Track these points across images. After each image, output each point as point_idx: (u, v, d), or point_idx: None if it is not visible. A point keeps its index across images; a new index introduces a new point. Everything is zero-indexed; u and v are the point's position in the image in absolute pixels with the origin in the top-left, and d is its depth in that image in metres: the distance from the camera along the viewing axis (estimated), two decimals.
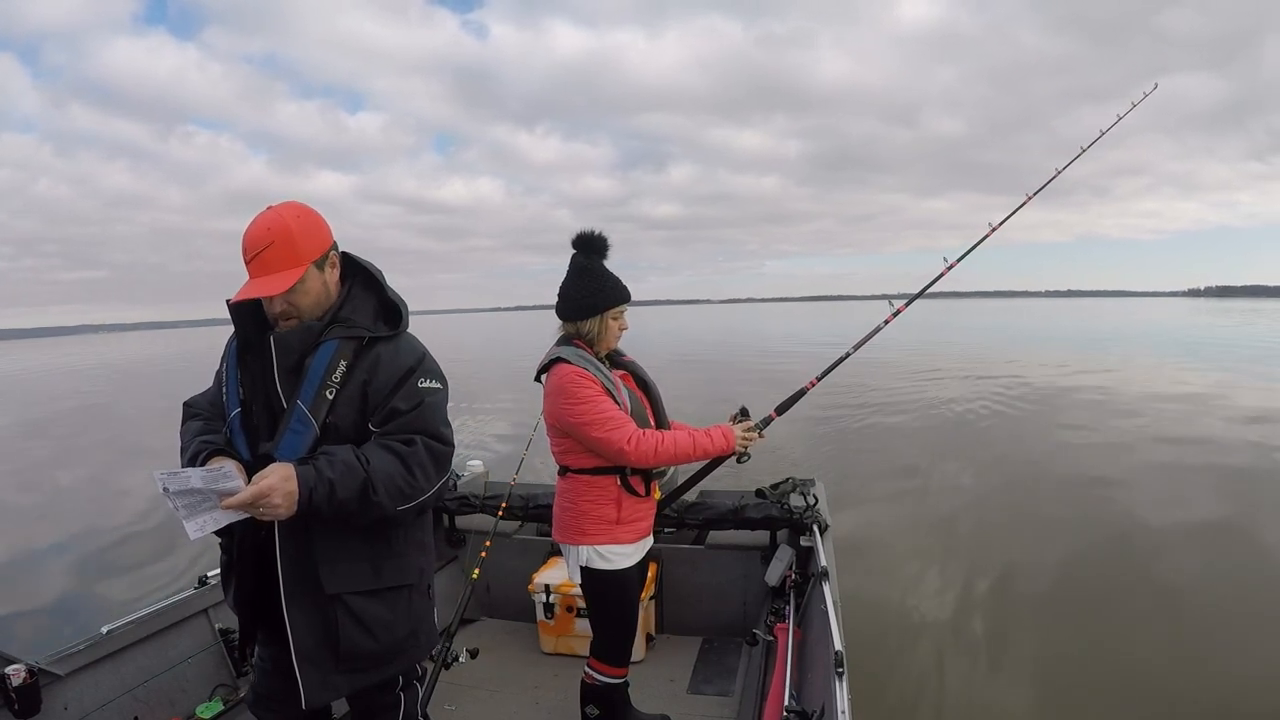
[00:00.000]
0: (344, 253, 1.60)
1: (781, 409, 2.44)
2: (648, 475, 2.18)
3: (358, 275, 1.61)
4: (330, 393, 1.47)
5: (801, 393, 2.48)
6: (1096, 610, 4.65)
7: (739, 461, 2.28)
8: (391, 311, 1.59)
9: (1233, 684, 3.71)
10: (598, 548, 2.13)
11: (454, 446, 1.56)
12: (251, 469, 1.42)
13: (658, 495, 2.27)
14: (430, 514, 1.72)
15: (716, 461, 2.35)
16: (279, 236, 1.45)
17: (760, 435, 2.27)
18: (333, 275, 1.55)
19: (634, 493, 2.14)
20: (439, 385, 1.55)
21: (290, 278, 1.45)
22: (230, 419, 1.54)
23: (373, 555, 1.52)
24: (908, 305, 2.59)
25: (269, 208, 1.51)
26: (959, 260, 2.66)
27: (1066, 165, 2.95)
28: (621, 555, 2.15)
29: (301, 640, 1.49)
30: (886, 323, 2.56)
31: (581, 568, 2.16)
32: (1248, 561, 5.42)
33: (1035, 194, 2.87)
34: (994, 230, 2.68)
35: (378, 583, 1.53)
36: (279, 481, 1.34)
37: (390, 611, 1.55)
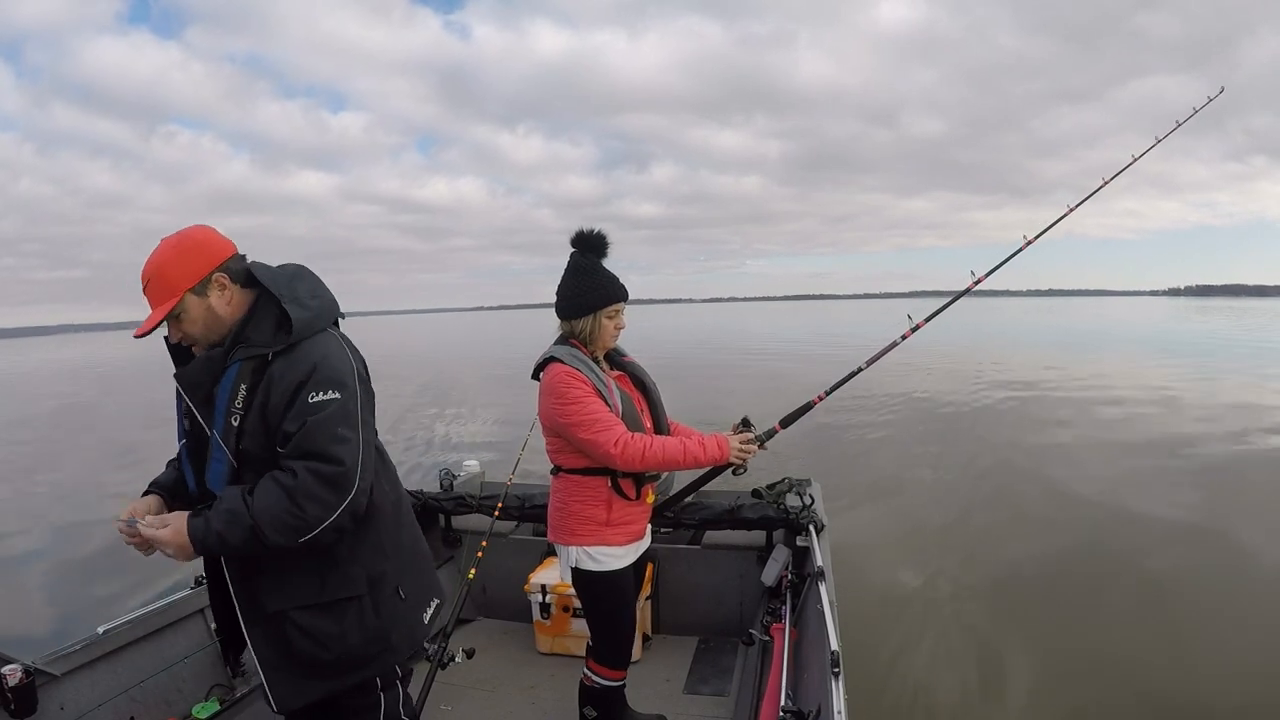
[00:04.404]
0: (252, 265, 1.53)
1: (786, 422, 2.38)
2: (639, 478, 2.14)
3: (264, 288, 1.53)
4: (235, 420, 1.44)
5: (809, 406, 2.44)
6: (1088, 608, 4.70)
7: (734, 473, 2.25)
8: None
9: (1221, 677, 3.77)
10: (587, 549, 2.11)
11: (348, 462, 1.42)
12: (198, 500, 1.49)
13: (651, 499, 2.23)
14: (396, 516, 1.65)
15: (714, 471, 2.32)
16: (153, 273, 1.46)
17: (761, 447, 2.22)
18: (221, 296, 1.48)
19: (624, 496, 2.11)
20: (332, 395, 1.43)
21: (158, 314, 1.46)
22: (179, 451, 1.56)
23: (317, 568, 1.49)
24: (927, 321, 2.53)
25: (161, 240, 1.51)
26: (988, 275, 2.62)
27: (1114, 176, 2.84)
28: (611, 557, 2.13)
29: (262, 653, 1.51)
30: (904, 338, 2.51)
31: (572, 568, 2.15)
32: (1230, 556, 5.49)
33: (1076, 206, 2.79)
34: (1029, 244, 2.63)
35: (322, 596, 1.50)
36: (170, 536, 1.41)
37: (338, 624, 1.51)
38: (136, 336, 1.52)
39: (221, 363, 1.46)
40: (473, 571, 2.80)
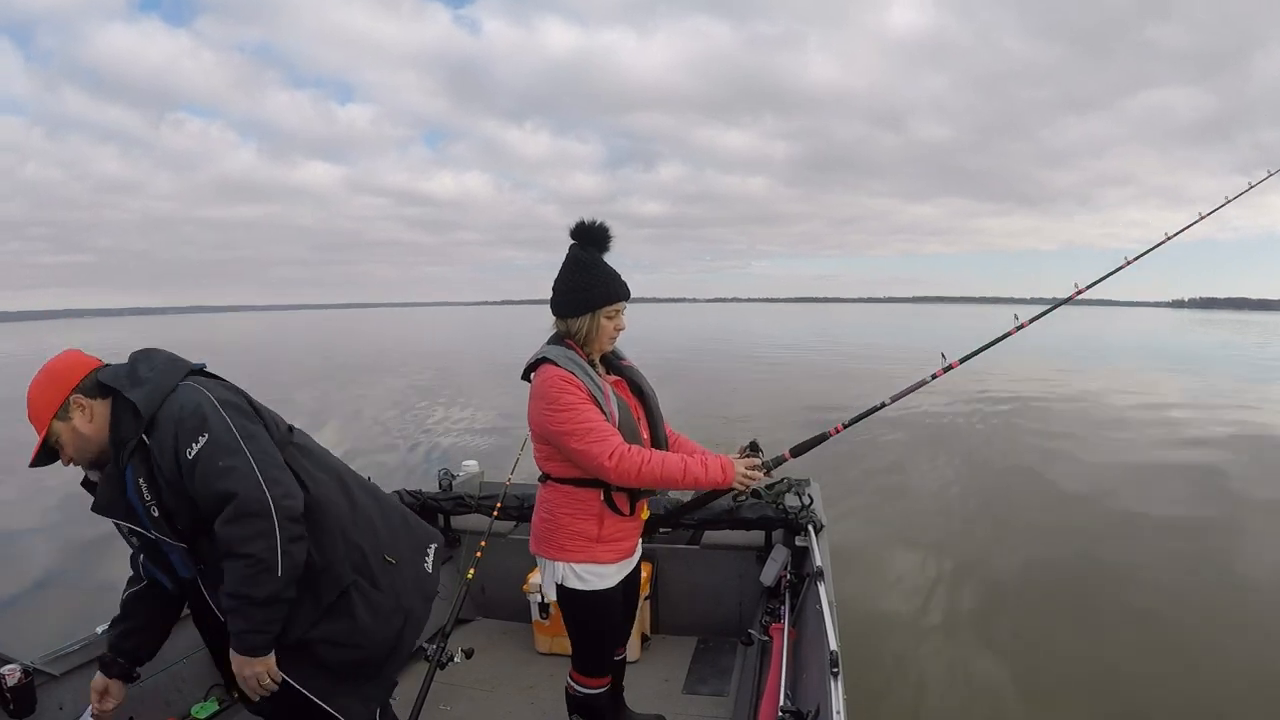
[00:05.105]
0: (98, 373, 1.56)
1: (797, 451, 2.23)
2: (635, 493, 2.01)
3: (113, 390, 1.56)
4: (155, 511, 1.49)
5: (823, 437, 2.28)
6: (1086, 615, 4.71)
7: (735, 500, 2.13)
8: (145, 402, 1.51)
9: (1221, 687, 3.77)
10: (574, 566, 1.99)
11: (240, 488, 1.43)
12: (179, 596, 1.64)
13: (645, 515, 2.13)
14: (346, 495, 1.65)
15: (713, 494, 2.20)
16: (29, 413, 1.55)
17: (768, 475, 2.08)
18: (82, 416, 1.53)
19: (617, 511, 1.99)
20: (202, 440, 1.46)
21: (36, 446, 1.55)
22: (142, 565, 1.63)
23: (305, 585, 1.52)
24: (962, 362, 2.39)
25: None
26: (1031, 321, 2.50)
27: (1194, 222, 2.75)
28: (599, 576, 2.02)
29: (314, 685, 1.55)
30: (935, 377, 2.38)
31: (556, 585, 2.03)
32: (1230, 568, 5.50)
33: (1134, 259, 2.68)
34: (1079, 292, 2.55)
35: (322, 604, 1.54)
36: (243, 670, 1.48)
37: (351, 618, 1.55)
38: (30, 466, 1.59)
39: (119, 475, 1.51)
40: (471, 571, 2.79)
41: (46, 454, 1.57)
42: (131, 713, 2.23)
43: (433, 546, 1.80)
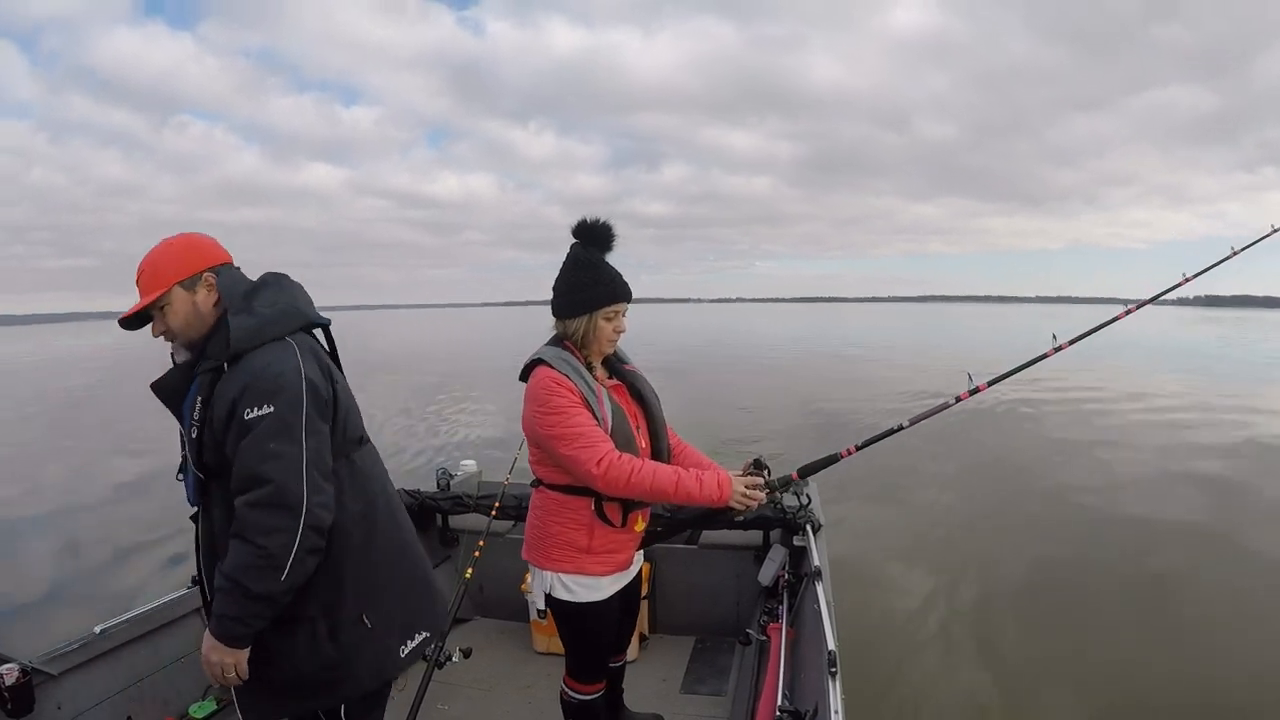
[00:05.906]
0: (221, 271, 1.52)
1: (805, 471, 2.12)
2: (628, 504, 1.92)
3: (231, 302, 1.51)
4: (194, 432, 1.42)
5: (835, 458, 2.17)
6: (1084, 612, 4.71)
7: (733, 519, 2.06)
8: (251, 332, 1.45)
9: (1216, 681, 3.77)
10: (562, 576, 1.93)
11: (279, 479, 1.34)
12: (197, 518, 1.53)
13: (640, 527, 2.03)
14: (366, 535, 1.54)
15: (709, 513, 2.13)
16: (146, 265, 1.48)
17: (770, 495, 1.97)
18: (208, 297, 1.49)
19: (608, 522, 1.91)
20: (265, 410, 1.36)
21: (145, 300, 1.47)
22: (180, 467, 1.55)
23: None
24: (991, 385, 2.34)
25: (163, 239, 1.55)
26: (1071, 343, 2.45)
27: (1247, 246, 2.68)
28: (588, 588, 1.94)
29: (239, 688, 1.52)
30: (959, 400, 2.34)
31: (545, 594, 1.97)
32: (1233, 562, 5.50)
33: (1198, 275, 2.62)
34: (1132, 310, 2.56)
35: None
36: (211, 655, 1.41)
37: (286, 642, 1.47)
38: (120, 322, 1.52)
39: (189, 375, 1.46)
40: (470, 571, 2.80)
41: (140, 318, 1.50)
42: (130, 712, 2.23)
43: (422, 634, 1.65)
